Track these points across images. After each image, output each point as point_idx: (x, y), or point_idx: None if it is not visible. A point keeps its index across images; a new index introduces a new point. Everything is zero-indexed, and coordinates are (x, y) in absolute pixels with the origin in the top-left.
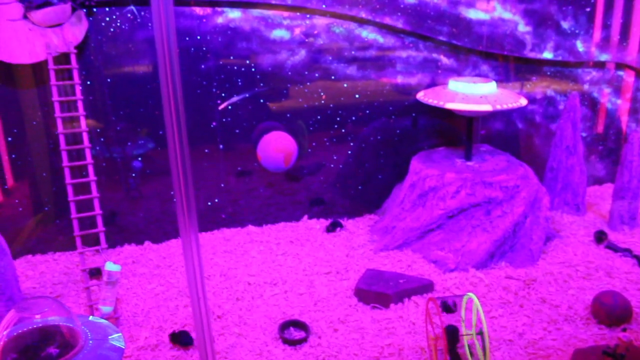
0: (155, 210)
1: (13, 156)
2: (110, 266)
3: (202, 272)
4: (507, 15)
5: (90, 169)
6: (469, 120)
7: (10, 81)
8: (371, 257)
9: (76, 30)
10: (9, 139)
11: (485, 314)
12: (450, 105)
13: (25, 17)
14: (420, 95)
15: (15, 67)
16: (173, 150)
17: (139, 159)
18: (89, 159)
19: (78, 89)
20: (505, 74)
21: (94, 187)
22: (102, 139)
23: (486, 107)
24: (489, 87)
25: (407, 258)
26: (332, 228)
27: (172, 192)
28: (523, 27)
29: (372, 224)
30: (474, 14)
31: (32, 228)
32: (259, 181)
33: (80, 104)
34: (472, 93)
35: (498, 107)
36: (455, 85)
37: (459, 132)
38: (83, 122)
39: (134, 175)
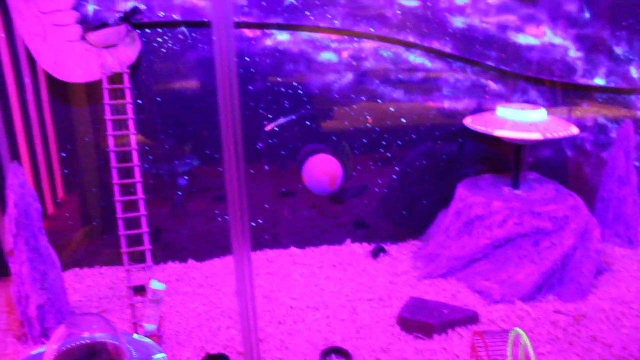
0: (199, 229)
1: (66, 171)
2: (155, 285)
3: (254, 295)
4: (557, 40)
5: (139, 187)
6: (517, 148)
7: (66, 99)
8: (415, 285)
9: (130, 51)
10: (63, 154)
11: (533, 349)
12: (499, 133)
13: (83, 38)
14: (468, 122)
15: (71, 85)
16: (229, 171)
17: (185, 177)
18: (138, 177)
19: (130, 108)
20: (555, 101)
21: (142, 205)
22: (150, 157)
23: (536, 136)
24: (539, 115)
25: (451, 287)
26: (377, 253)
27: (216, 211)
28: (574, 53)
29: (416, 250)
30: (523, 39)
31: (81, 242)
32: (302, 203)
33: (131, 123)
34: (522, 120)
35: (549, 135)
36: (504, 112)
37: (506, 159)
38: (134, 141)
39: (180, 193)
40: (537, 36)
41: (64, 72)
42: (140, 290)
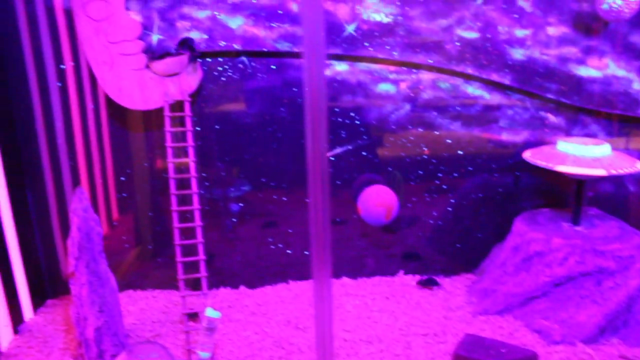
0: (250, 255)
1: (124, 195)
2: (210, 312)
3: (332, 328)
4: (620, 72)
5: (197, 214)
6: (579, 183)
7: (128, 125)
8: (470, 321)
9: (191, 80)
10: (122, 178)
11: None
12: (560, 169)
13: (147, 66)
14: (528, 155)
15: (131, 112)
16: (314, 199)
17: (239, 204)
18: (196, 204)
19: (190, 135)
20: (617, 134)
21: (199, 232)
22: (206, 183)
23: (600, 172)
24: (603, 150)
25: (508, 325)
26: (426, 284)
27: (268, 238)
28: (638, 85)
29: (470, 284)
30: (584, 71)
31: (134, 263)
32: (354, 232)
33: (191, 151)
34: (585, 155)
35: (613, 172)
36: (566, 146)
37: (565, 193)
38: (192, 169)
39: (234, 220)
40: (599, 68)
41: (129, 99)
42: (194, 316)
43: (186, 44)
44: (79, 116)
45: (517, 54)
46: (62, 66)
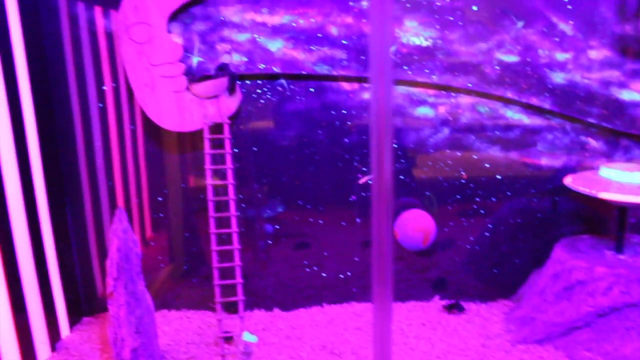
0: (284, 276)
1: (161, 215)
2: (247, 337)
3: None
4: None
5: (235, 237)
6: (621, 210)
7: (167, 146)
8: (509, 350)
9: (230, 102)
10: (160, 198)
11: None
12: (604, 195)
13: (187, 89)
14: (569, 181)
15: (169, 133)
16: (379, 224)
17: (274, 226)
18: (234, 227)
19: (229, 158)
20: None
21: (237, 255)
22: (243, 205)
23: None
24: None
25: (549, 355)
26: (451, 308)
27: (303, 261)
28: None
29: (508, 311)
30: (627, 95)
31: (170, 284)
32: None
33: (230, 173)
34: (629, 182)
35: None
36: (609, 172)
37: (605, 219)
38: (231, 191)
39: (269, 241)
40: None
41: (169, 121)
42: (229, 339)
43: (225, 70)
44: (117, 136)
45: (558, 77)
46: (103, 87)
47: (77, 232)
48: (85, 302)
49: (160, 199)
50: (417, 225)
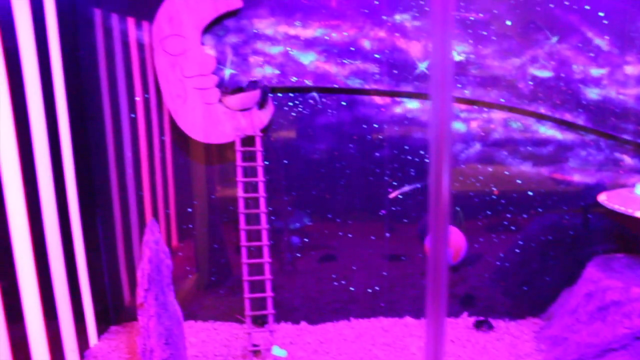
0: (311, 289)
1: (190, 225)
2: (277, 351)
3: None
4: None
5: (266, 251)
6: None
7: (196, 157)
8: None
9: (263, 115)
10: (189, 209)
11: None
12: None
13: (220, 101)
14: (603, 199)
15: (201, 145)
16: (436, 241)
17: (305, 239)
18: (265, 240)
19: (260, 170)
20: None
21: (267, 268)
22: (272, 217)
23: None
24: None
25: None
26: (480, 325)
27: (329, 274)
28: None
29: (538, 329)
30: None
31: (196, 294)
32: (414, 269)
33: (261, 186)
34: None
35: None
36: None
37: None
38: (262, 204)
39: (298, 254)
40: None
41: (201, 132)
42: (257, 353)
43: (257, 84)
44: (147, 147)
45: (592, 93)
46: (137, 98)
47: (107, 241)
48: (113, 311)
49: (189, 209)
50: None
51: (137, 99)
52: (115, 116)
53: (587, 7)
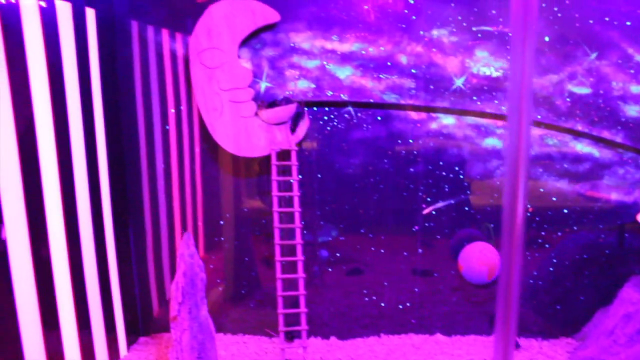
0: (340, 304)
1: (222, 238)
2: None
3: None
4: None
5: (300, 265)
6: None
7: (229, 170)
8: None
9: (299, 129)
10: (221, 222)
11: None
12: None
13: (255, 114)
14: None
15: (234, 157)
16: (507, 258)
17: (337, 254)
18: (299, 255)
19: (296, 185)
20: None
21: (301, 283)
22: (305, 232)
23: None
24: None
25: None
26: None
27: (360, 289)
28: None
29: (572, 350)
30: None
31: (227, 307)
32: (444, 285)
33: (296, 200)
34: None
35: None
36: None
37: None
38: (297, 219)
39: (329, 269)
40: None
41: (236, 146)
42: None
43: (290, 101)
44: (177, 159)
45: (632, 110)
46: (172, 110)
47: (138, 252)
48: (142, 322)
49: (220, 222)
50: (482, 258)
51: (172, 110)
52: (148, 128)
53: (628, 23)
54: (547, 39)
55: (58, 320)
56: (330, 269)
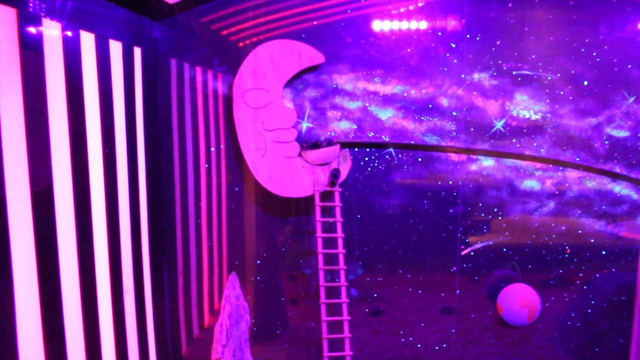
0: (370, 344)
1: (258, 278)
2: None
3: None
4: None
5: (345, 308)
6: None
7: (271, 210)
8: None
9: (342, 169)
10: (258, 261)
11: None
12: None
13: (299, 154)
14: None
15: (275, 198)
16: None
17: (375, 294)
18: (344, 297)
19: (339, 226)
20: None
21: (346, 326)
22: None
23: None
24: None
25: None
26: None
27: (400, 331)
28: None
29: None
30: None
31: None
32: (473, 324)
33: (340, 241)
34: None
35: None
36: None
37: None
38: (341, 260)
39: (366, 310)
40: None
41: (279, 186)
42: None
43: (332, 142)
44: (217, 198)
45: None
46: (212, 149)
47: (170, 291)
48: (172, 357)
49: (258, 261)
50: (523, 300)
51: (212, 149)
52: (183, 166)
53: None
54: (586, 83)
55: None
56: (366, 309)
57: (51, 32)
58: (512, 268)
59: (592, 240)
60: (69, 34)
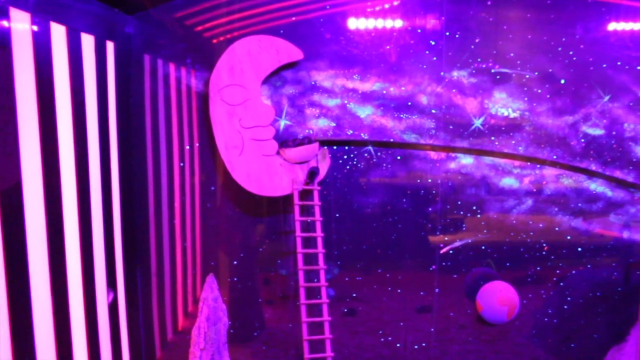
0: (348, 345)
1: (235, 279)
2: None
3: None
4: None
5: (325, 308)
6: None
7: (247, 210)
8: None
9: (321, 168)
10: (235, 262)
11: None
12: None
13: (277, 153)
14: None
15: (252, 197)
16: None
17: (354, 294)
18: (324, 297)
19: (319, 225)
20: None
21: (327, 327)
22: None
23: None
24: None
25: None
26: None
27: (380, 331)
28: None
29: None
30: None
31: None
32: (448, 322)
33: (319, 241)
34: None
35: None
36: None
37: None
38: (321, 260)
39: (344, 309)
40: None
41: (256, 185)
42: None
43: (310, 140)
44: (190, 197)
45: None
46: (187, 146)
47: (144, 293)
48: None
49: (235, 262)
50: (502, 298)
51: (187, 147)
52: (156, 164)
53: (639, 68)
54: (563, 81)
55: None
56: (345, 309)
57: (19, 23)
58: (487, 265)
59: (569, 238)
60: (37, 27)
